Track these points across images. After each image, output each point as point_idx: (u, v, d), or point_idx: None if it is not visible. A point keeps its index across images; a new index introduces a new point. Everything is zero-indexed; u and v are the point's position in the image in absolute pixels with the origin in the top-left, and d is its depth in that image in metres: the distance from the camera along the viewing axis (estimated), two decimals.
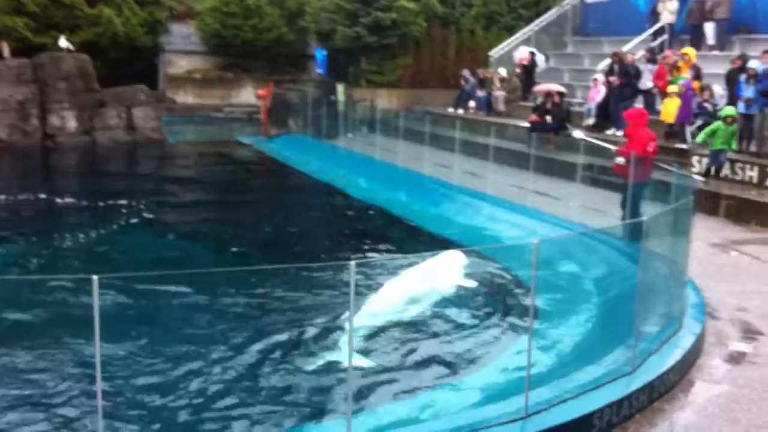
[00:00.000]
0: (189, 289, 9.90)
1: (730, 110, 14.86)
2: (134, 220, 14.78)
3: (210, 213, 16.56)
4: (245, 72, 34.05)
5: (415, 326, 8.99)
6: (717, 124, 14.84)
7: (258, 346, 8.28)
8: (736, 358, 7.63)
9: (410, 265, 10.47)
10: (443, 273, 10.34)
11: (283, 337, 8.58)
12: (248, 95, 33.05)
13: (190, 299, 9.67)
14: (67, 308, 9.00)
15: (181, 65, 34.25)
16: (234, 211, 16.44)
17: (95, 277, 4.32)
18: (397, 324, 9.00)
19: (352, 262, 5.11)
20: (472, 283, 10.50)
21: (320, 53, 31.43)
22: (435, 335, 8.81)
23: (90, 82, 25.19)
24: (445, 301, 9.79)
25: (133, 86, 26.16)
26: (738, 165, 14.95)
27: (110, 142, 24.70)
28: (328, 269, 10.75)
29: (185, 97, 33.63)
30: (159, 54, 34.13)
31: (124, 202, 15.99)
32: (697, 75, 17.57)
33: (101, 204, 15.95)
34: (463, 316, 9.44)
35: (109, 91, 25.57)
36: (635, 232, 9.94)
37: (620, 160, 11.83)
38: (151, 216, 15.27)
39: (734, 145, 15.01)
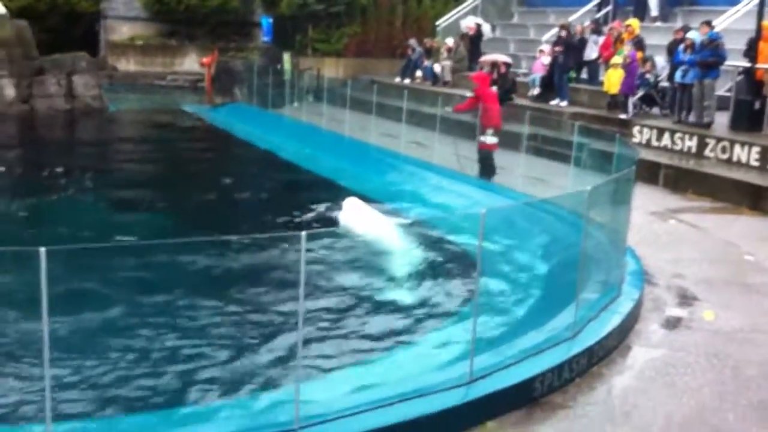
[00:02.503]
0: (137, 260, 9.76)
1: None
2: (73, 190, 14.50)
3: (153, 182, 16.31)
4: (189, 39, 33.46)
5: (357, 291, 9.10)
6: None
7: (209, 318, 8.30)
8: (672, 323, 7.88)
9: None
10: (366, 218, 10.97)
11: (234, 307, 8.63)
12: (192, 63, 32.53)
13: (139, 270, 9.56)
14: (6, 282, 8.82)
15: (122, 32, 33.50)
16: (178, 181, 16.25)
17: (42, 249, 4.25)
18: (341, 288, 9.09)
19: (303, 233, 5.12)
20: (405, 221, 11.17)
21: (266, 21, 31.03)
22: (378, 302, 8.90)
23: (29, 49, 24.43)
24: (385, 267, 9.92)
25: (73, 53, 25.44)
26: (677, 135, 15.29)
27: (50, 110, 23.96)
28: (277, 240, 10.74)
29: (127, 65, 32.95)
30: (100, 20, 33.32)
31: (62, 170, 15.64)
32: (640, 46, 17.84)
33: (39, 173, 15.60)
34: (406, 283, 9.57)
35: (49, 58, 24.80)
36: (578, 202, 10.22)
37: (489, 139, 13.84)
38: (91, 186, 15.00)
39: None
